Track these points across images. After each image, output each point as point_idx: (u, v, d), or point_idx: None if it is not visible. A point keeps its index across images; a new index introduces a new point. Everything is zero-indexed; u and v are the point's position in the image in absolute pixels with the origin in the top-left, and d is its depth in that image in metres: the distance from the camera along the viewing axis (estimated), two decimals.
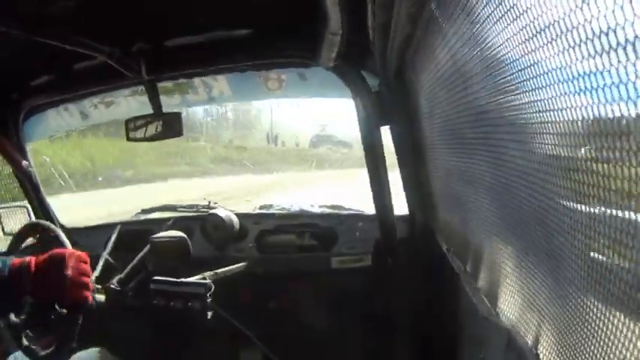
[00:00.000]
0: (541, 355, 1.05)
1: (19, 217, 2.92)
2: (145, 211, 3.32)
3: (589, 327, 0.79)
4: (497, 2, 0.87)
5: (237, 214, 2.88)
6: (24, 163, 2.77)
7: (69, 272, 1.78)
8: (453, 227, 1.95)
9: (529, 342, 1.12)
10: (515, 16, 0.81)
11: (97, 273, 2.40)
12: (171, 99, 2.69)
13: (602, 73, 0.61)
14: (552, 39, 0.70)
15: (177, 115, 2.35)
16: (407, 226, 2.67)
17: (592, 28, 0.60)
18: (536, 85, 0.82)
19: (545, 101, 0.80)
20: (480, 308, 1.54)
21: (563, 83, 0.72)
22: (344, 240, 2.77)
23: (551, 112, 0.79)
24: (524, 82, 0.87)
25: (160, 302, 2.30)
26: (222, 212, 2.83)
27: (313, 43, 1.99)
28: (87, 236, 2.98)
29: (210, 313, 2.29)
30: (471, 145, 1.37)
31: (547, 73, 0.77)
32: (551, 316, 0.98)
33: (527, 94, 0.87)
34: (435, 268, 2.42)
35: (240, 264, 2.68)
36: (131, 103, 2.79)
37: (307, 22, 1.82)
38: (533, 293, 1.08)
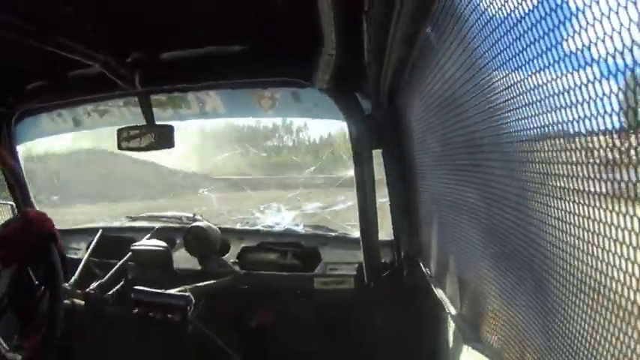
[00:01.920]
0: None
1: (3, 215, 2.93)
2: (128, 218, 3.30)
3: (574, 354, 0.78)
4: (491, 28, 0.88)
5: (221, 229, 2.86)
6: (13, 162, 2.77)
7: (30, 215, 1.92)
8: (437, 254, 1.94)
9: None
10: (509, 43, 0.82)
11: (76, 277, 2.38)
12: (164, 112, 2.69)
13: (595, 101, 0.61)
14: (546, 66, 0.71)
15: (170, 128, 2.35)
16: (391, 251, 2.66)
17: (586, 56, 0.60)
18: (528, 114, 0.83)
19: (536, 130, 0.80)
20: (463, 335, 1.53)
21: (555, 111, 0.72)
22: (327, 261, 2.75)
23: (542, 141, 0.79)
24: (517, 110, 0.87)
25: (139, 312, 2.28)
26: (205, 225, 2.81)
27: (308, 63, 2.00)
28: (68, 238, 2.95)
29: (190, 327, 2.27)
30: (460, 172, 1.38)
31: (540, 102, 0.77)
32: (534, 343, 0.98)
33: (518, 122, 0.88)
34: (417, 294, 2.40)
35: (221, 279, 2.67)
36: (124, 113, 2.79)
37: (303, 42, 1.84)
38: (517, 322, 1.07)
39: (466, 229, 1.41)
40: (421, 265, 2.32)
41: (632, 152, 0.56)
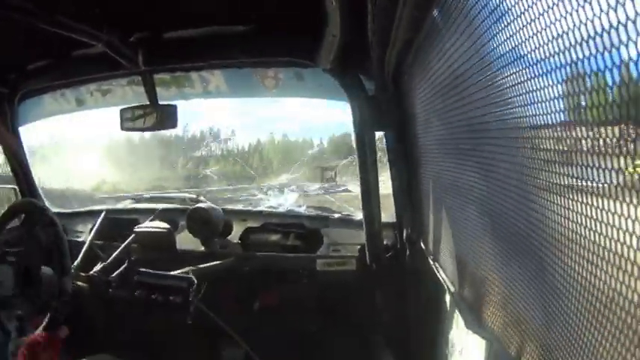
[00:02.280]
0: None
1: (6, 198, 2.93)
2: (131, 200, 3.31)
3: (573, 339, 0.79)
4: (499, 14, 0.87)
5: (224, 210, 2.87)
6: (16, 144, 2.76)
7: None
8: (439, 237, 1.95)
9: (513, 353, 1.12)
10: (516, 30, 0.81)
11: (79, 260, 2.39)
12: (167, 91, 2.68)
13: (599, 90, 0.61)
14: (555, 53, 0.70)
15: (173, 108, 2.34)
16: (393, 234, 2.67)
17: (591, 46, 0.60)
18: (532, 100, 0.82)
19: (540, 117, 0.80)
20: (464, 318, 1.54)
21: (561, 99, 0.72)
22: (329, 243, 2.76)
23: (546, 128, 0.79)
24: (521, 96, 0.87)
25: (142, 294, 2.30)
26: (208, 206, 2.81)
27: (312, 43, 1.99)
28: (72, 221, 2.97)
29: (192, 308, 2.28)
30: (463, 156, 1.37)
31: (545, 88, 0.77)
32: (535, 328, 0.98)
33: (522, 108, 0.87)
34: (419, 276, 2.41)
35: (224, 260, 2.68)
36: (127, 92, 2.78)
37: (307, 22, 1.82)
38: (517, 305, 1.08)
39: (468, 212, 1.41)
40: (423, 247, 2.32)
41: (634, 143, 0.55)
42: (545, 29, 0.70)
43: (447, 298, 1.77)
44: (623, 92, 0.58)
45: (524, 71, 0.82)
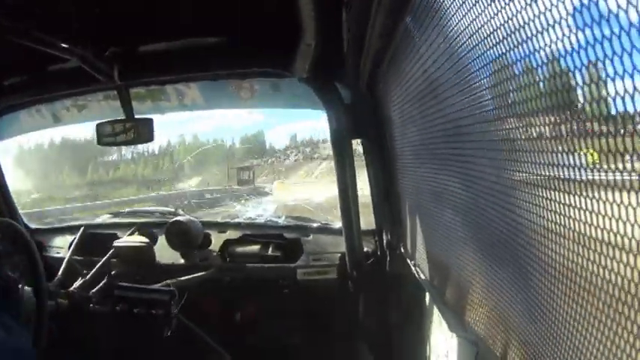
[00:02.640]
0: None
1: None
2: (109, 215, 3.28)
3: (557, 337, 0.80)
4: (470, 19, 0.88)
5: (202, 222, 2.86)
6: None
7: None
8: (420, 242, 1.96)
9: (498, 354, 1.13)
10: (488, 33, 0.83)
11: (60, 276, 2.37)
12: (143, 105, 2.66)
13: (574, 89, 0.62)
14: (526, 55, 0.72)
15: (149, 121, 2.32)
16: (373, 240, 2.68)
17: (563, 45, 0.61)
18: (507, 102, 0.84)
19: (515, 118, 0.82)
20: (447, 321, 1.55)
21: (536, 99, 0.73)
22: (309, 252, 2.76)
23: (521, 130, 0.81)
24: (496, 99, 0.88)
25: (123, 308, 2.28)
26: (187, 219, 2.81)
27: (287, 53, 1.99)
28: (51, 237, 2.93)
29: (174, 321, 2.27)
30: (440, 160, 1.39)
31: (520, 90, 0.78)
32: (519, 329, 0.99)
33: (497, 110, 0.89)
34: (401, 282, 2.42)
35: (204, 272, 2.67)
36: (103, 107, 2.75)
37: (282, 32, 1.83)
38: (500, 305, 1.09)
39: (448, 216, 1.43)
40: (403, 253, 2.33)
41: (614, 141, 0.57)
42: (517, 31, 0.72)
43: (430, 302, 1.78)
44: (594, 92, 0.59)
45: (497, 74, 0.84)
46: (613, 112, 0.56)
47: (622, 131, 0.56)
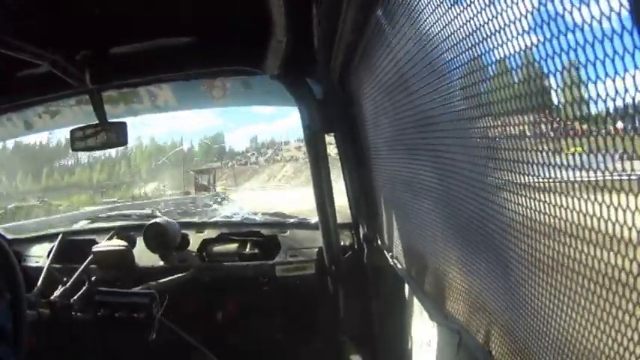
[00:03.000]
0: (493, 352, 1.08)
1: None
2: (87, 220, 3.26)
3: (537, 319, 0.82)
4: (441, 12, 0.90)
5: (179, 223, 2.85)
6: None
7: None
8: (397, 234, 1.98)
9: (480, 340, 1.15)
10: (458, 26, 0.84)
11: (40, 285, 2.34)
12: (116, 108, 2.64)
13: (544, 80, 0.64)
14: (495, 47, 0.74)
15: (123, 125, 2.30)
16: (350, 234, 2.69)
17: (532, 37, 0.63)
18: (479, 92, 0.86)
19: (487, 107, 0.83)
20: (428, 311, 1.57)
21: (504, 89, 0.75)
22: (287, 248, 2.77)
23: (493, 120, 0.82)
24: (467, 89, 0.90)
25: (105, 313, 2.27)
26: (163, 221, 2.79)
27: (258, 50, 1.99)
28: (28, 246, 2.89)
29: (156, 324, 2.26)
30: (414, 153, 1.40)
31: (489, 80, 0.80)
32: (499, 313, 1.01)
33: (469, 100, 0.91)
34: (380, 275, 2.44)
35: (184, 273, 2.67)
36: (76, 112, 2.72)
37: (252, 29, 1.82)
38: (480, 293, 1.11)
39: (423, 206, 1.44)
40: (381, 245, 2.35)
41: (587, 123, 0.59)
42: (488, 23, 0.73)
43: (409, 292, 1.80)
44: (562, 82, 0.61)
45: (467, 66, 0.85)
46: (583, 98, 0.58)
47: (594, 124, 0.58)
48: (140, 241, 2.81)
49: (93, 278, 2.42)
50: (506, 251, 0.88)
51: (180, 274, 2.66)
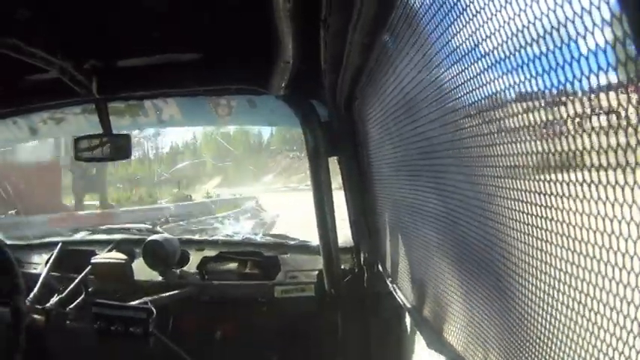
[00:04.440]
0: None
1: None
2: (88, 231, 3.25)
3: (536, 352, 0.80)
4: (448, 37, 0.89)
5: (180, 240, 2.83)
6: None
7: None
8: (397, 259, 1.96)
9: None
10: (466, 51, 0.84)
11: (36, 292, 2.33)
12: (121, 120, 2.64)
13: (557, 106, 0.63)
14: (503, 73, 0.73)
15: (127, 137, 2.30)
16: (351, 258, 2.67)
17: (543, 63, 0.62)
18: (483, 120, 0.85)
19: (493, 135, 0.82)
20: (426, 339, 1.55)
21: (513, 117, 0.74)
22: (287, 269, 2.75)
23: (499, 146, 0.81)
24: (474, 117, 0.89)
25: (100, 326, 2.25)
26: (163, 237, 2.78)
27: (264, 70, 2.00)
28: (27, 253, 2.88)
29: (152, 339, 2.24)
30: (417, 177, 1.39)
31: (497, 108, 0.79)
32: (498, 345, 1.00)
33: (475, 127, 0.90)
34: (379, 299, 2.42)
35: (182, 290, 2.65)
36: (81, 121, 2.72)
37: (259, 49, 1.83)
38: (480, 323, 1.09)
39: (425, 233, 1.43)
40: (381, 270, 2.33)
41: (589, 154, 0.57)
42: (497, 48, 0.73)
43: (408, 319, 1.78)
44: (570, 108, 0.60)
45: (475, 91, 0.85)
46: (593, 126, 0.57)
47: (603, 143, 0.56)
48: (140, 255, 2.79)
49: (90, 289, 2.41)
50: (509, 281, 0.86)
51: (178, 291, 2.64)
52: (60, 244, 2.85)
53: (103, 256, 2.68)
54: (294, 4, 1.30)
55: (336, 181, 2.48)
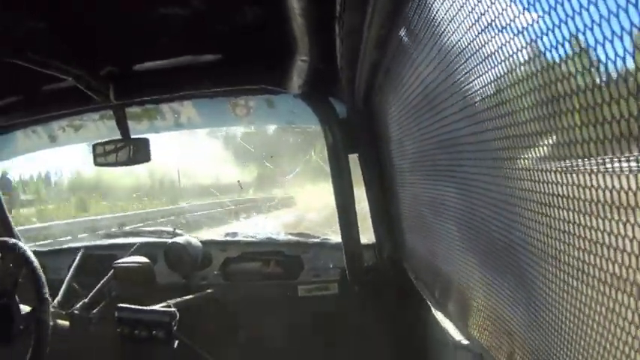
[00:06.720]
0: None
1: None
2: (109, 236, 3.28)
3: (562, 344, 0.79)
4: (465, 29, 0.88)
5: (202, 241, 2.84)
6: None
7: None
8: (420, 255, 1.95)
9: None
10: (483, 43, 0.82)
11: (59, 298, 2.36)
12: (139, 124, 2.66)
13: (572, 97, 0.62)
14: (521, 64, 0.71)
15: (145, 141, 2.32)
16: (374, 255, 2.66)
17: (562, 51, 0.61)
18: (505, 112, 0.83)
19: (515, 128, 0.81)
20: (451, 335, 1.54)
21: (534, 108, 0.73)
22: (310, 268, 2.75)
23: (520, 138, 0.80)
24: (493, 109, 0.87)
25: (124, 330, 2.27)
26: (185, 240, 2.78)
27: (281, 69, 2.00)
28: (50, 259, 2.92)
29: (175, 342, 2.26)
30: (438, 172, 1.38)
31: (516, 99, 0.78)
32: (523, 338, 0.98)
33: (495, 121, 0.88)
34: (403, 296, 2.41)
35: (205, 292, 2.66)
36: (100, 127, 2.75)
37: (276, 48, 1.83)
38: (504, 316, 1.08)
39: (448, 228, 1.42)
40: (404, 266, 2.32)
41: (619, 143, 0.56)
42: (514, 39, 0.71)
43: (433, 314, 1.77)
44: (595, 97, 0.58)
45: (495, 83, 0.83)
46: (614, 116, 0.55)
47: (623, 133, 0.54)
48: (161, 259, 2.81)
49: (113, 293, 2.43)
50: (532, 273, 0.85)
51: (201, 293, 2.65)
52: (82, 249, 2.88)
53: (125, 260, 2.70)
54: (308, 2, 1.29)
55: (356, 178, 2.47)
